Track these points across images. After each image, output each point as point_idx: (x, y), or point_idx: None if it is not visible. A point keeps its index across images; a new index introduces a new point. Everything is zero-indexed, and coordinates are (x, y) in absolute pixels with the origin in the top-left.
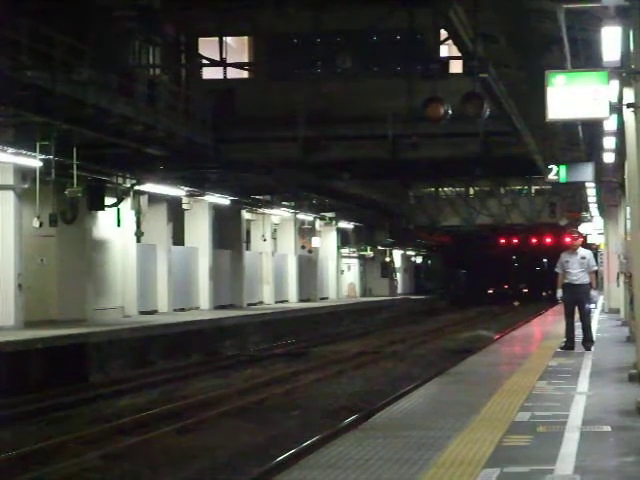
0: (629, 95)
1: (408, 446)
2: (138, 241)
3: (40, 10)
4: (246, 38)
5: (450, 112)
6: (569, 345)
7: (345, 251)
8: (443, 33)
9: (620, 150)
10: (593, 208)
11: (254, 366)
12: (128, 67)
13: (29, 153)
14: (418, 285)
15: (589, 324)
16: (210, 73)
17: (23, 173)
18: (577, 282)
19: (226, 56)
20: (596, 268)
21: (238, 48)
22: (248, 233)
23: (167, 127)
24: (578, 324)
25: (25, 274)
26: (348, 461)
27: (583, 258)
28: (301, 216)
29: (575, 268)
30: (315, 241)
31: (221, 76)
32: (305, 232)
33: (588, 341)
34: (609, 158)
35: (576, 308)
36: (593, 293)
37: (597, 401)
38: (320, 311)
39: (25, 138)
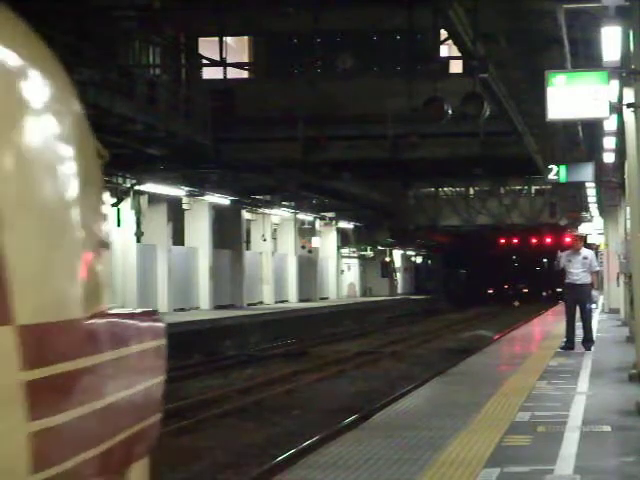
0: (629, 95)
1: (408, 446)
2: (138, 241)
3: (40, 10)
4: (246, 38)
5: (450, 112)
6: (569, 345)
7: (345, 251)
8: (443, 33)
9: (620, 150)
10: (593, 208)
11: (254, 366)
12: (128, 67)
13: None
14: (418, 285)
15: (590, 324)
16: (210, 73)
17: None
18: (579, 282)
19: (226, 56)
20: (598, 269)
21: (238, 48)
22: (248, 233)
23: (167, 127)
24: (578, 324)
25: None
26: (348, 461)
27: (585, 258)
28: (301, 216)
29: (577, 268)
30: (315, 241)
31: (221, 76)
32: (305, 232)
33: (588, 341)
34: (609, 158)
35: (577, 308)
36: (594, 293)
37: (597, 401)
38: (320, 311)
39: None
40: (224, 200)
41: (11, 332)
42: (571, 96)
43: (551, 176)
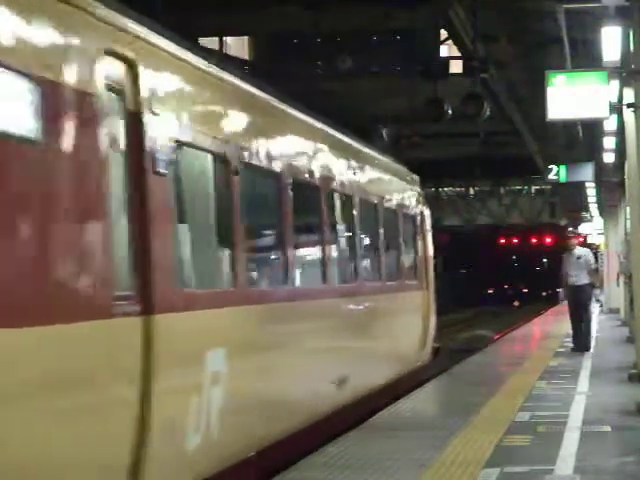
0: (629, 95)
1: (408, 446)
2: None
3: None
4: (246, 38)
5: (450, 112)
6: (580, 347)
7: None
8: (443, 33)
9: (620, 150)
10: (593, 208)
11: None
12: None
13: None
14: None
15: (589, 327)
16: None
17: None
18: (576, 283)
19: None
20: (595, 266)
21: (238, 48)
22: None
23: None
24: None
25: None
26: (348, 461)
27: (579, 258)
28: None
29: (573, 269)
30: None
31: None
32: None
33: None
34: (609, 158)
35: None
36: (596, 292)
37: (597, 401)
38: None
39: None
40: None
41: (430, 293)
42: (571, 96)
43: (551, 176)
